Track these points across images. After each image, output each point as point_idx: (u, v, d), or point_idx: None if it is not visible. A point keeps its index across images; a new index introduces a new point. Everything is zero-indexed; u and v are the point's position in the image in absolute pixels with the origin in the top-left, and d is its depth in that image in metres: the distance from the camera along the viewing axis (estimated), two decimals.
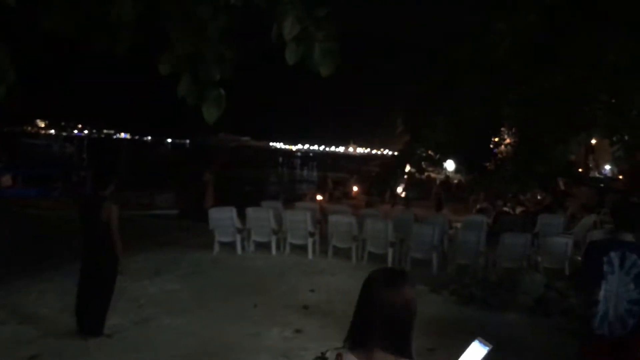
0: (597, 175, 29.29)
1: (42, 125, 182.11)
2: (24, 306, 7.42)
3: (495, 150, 19.51)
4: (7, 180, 23.62)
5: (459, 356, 2.30)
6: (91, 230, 6.29)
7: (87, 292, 6.37)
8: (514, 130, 17.23)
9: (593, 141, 23.36)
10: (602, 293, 4.26)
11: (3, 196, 21.01)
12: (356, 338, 2.01)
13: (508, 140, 19.15)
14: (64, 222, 11.67)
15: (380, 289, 1.99)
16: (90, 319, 6.33)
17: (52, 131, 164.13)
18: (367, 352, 1.97)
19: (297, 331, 6.94)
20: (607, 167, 29.11)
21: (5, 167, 26.00)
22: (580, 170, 28.74)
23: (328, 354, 2.06)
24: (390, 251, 10.94)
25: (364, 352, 1.97)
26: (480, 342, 2.32)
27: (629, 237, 4.33)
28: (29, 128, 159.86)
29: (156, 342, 6.37)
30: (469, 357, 2.29)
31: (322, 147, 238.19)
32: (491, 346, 2.29)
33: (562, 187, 20.56)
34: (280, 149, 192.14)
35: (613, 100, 9.80)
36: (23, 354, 5.79)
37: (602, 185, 23.87)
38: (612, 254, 4.25)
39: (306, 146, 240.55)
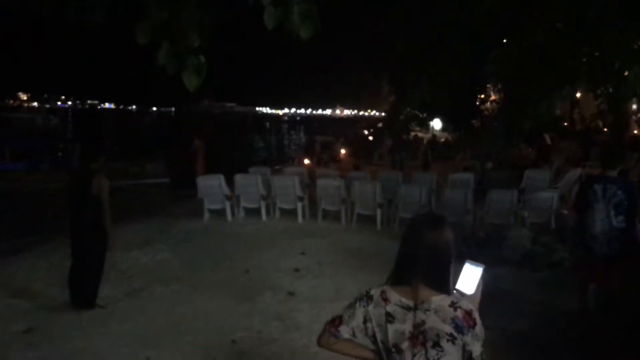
0: (582, 128, 29.33)
1: (24, 98, 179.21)
2: (16, 280, 7.44)
3: (482, 107, 19.35)
4: None
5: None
6: (81, 204, 6.25)
7: (79, 264, 6.39)
8: (499, 86, 17.14)
9: (577, 95, 23.37)
10: (590, 217, 5.42)
11: None
12: (400, 276, 2.20)
13: (493, 97, 19.04)
14: (53, 196, 11.60)
15: (425, 230, 2.19)
16: (83, 291, 6.36)
17: (35, 104, 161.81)
18: (412, 288, 2.14)
19: (290, 293, 7.03)
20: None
21: None
22: (565, 124, 28.82)
23: (372, 291, 2.21)
24: (378, 212, 11.03)
25: (409, 288, 2.15)
26: (470, 263, 2.39)
27: (613, 173, 5.53)
28: (11, 102, 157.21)
29: (149, 312, 6.43)
30: (468, 279, 2.35)
31: (309, 111, 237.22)
32: (483, 266, 2.36)
33: (549, 142, 20.62)
34: (267, 114, 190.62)
35: (596, 54, 9.76)
36: (17, 328, 5.83)
37: (586, 138, 23.92)
38: (596, 186, 5.43)
39: (293, 110, 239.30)
